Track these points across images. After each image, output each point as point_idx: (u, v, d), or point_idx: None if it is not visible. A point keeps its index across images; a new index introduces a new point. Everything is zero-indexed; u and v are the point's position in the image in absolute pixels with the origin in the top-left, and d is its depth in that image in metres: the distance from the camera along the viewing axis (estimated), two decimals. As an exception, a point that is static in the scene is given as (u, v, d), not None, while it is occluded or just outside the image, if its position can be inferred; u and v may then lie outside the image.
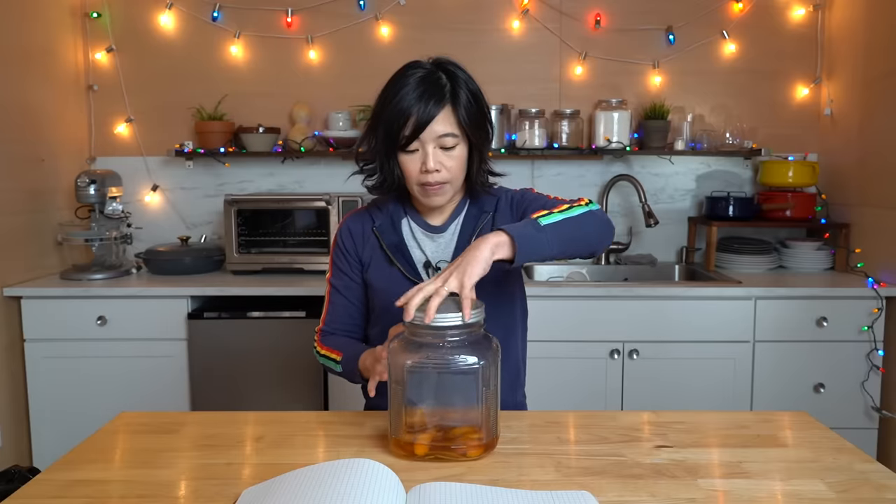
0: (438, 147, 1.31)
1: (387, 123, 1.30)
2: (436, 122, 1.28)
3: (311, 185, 3.01)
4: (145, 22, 2.95)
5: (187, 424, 1.26)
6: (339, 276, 1.46)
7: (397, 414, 1.10)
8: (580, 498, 0.96)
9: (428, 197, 1.35)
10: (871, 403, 2.47)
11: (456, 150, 1.32)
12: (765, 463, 1.09)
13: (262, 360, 2.46)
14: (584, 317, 2.44)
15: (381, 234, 1.43)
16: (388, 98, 1.31)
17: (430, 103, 1.28)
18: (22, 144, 2.56)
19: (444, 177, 1.32)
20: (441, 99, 1.29)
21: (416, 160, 1.32)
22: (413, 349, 1.08)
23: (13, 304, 2.48)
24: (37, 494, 1.00)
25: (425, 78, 1.30)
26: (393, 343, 1.11)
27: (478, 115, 1.34)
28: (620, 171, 3.00)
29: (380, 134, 1.33)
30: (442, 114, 1.29)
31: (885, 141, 2.53)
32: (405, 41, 2.96)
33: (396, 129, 1.29)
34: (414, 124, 1.28)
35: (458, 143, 1.32)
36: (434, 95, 1.28)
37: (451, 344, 1.07)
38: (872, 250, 2.61)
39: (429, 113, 1.28)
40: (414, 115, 1.27)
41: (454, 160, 1.32)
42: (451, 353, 1.07)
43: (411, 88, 1.29)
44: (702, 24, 2.94)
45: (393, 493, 0.94)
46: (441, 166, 1.31)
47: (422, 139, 1.29)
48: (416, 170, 1.32)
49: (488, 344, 1.10)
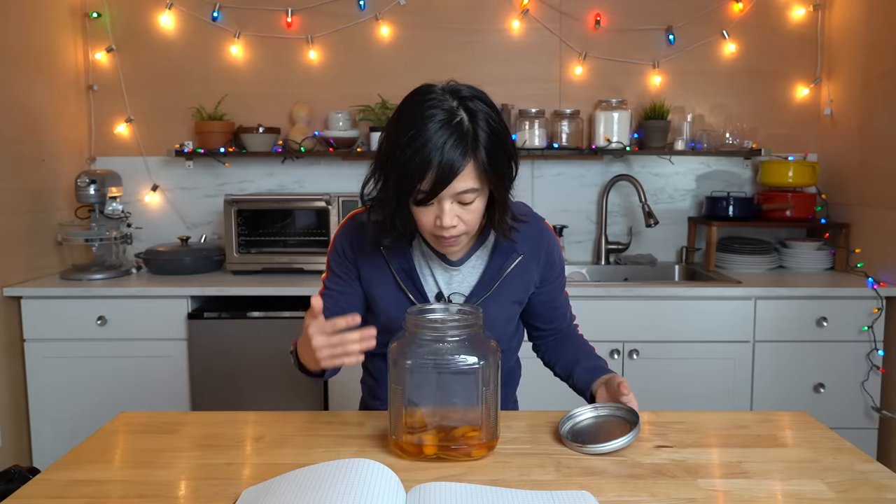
0: (456, 202, 1.19)
1: (401, 173, 1.16)
2: (456, 181, 1.15)
3: (311, 185, 3.01)
4: (145, 22, 2.95)
5: (187, 424, 1.26)
6: (335, 280, 1.40)
7: (397, 414, 1.10)
8: (580, 498, 0.96)
9: (442, 248, 1.28)
10: (871, 403, 2.47)
11: (475, 203, 1.20)
12: (765, 463, 1.09)
13: (262, 360, 2.46)
14: (584, 317, 2.40)
15: (390, 257, 1.33)
16: (402, 142, 1.14)
17: (453, 157, 1.13)
18: (22, 144, 2.56)
19: (461, 230, 1.22)
20: (464, 153, 1.14)
21: (430, 213, 1.20)
22: (413, 349, 1.08)
23: (13, 304, 2.48)
24: (37, 494, 1.00)
25: (447, 123, 1.13)
26: (392, 343, 1.11)
27: (501, 158, 1.20)
28: (620, 171, 3.00)
29: (392, 180, 1.19)
30: (463, 171, 1.15)
31: (885, 141, 2.53)
32: (405, 41, 2.96)
33: (411, 183, 1.15)
34: (433, 181, 1.14)
35: (477, 196, 1.20)
36: (457, 149, 1.13)
37: (451, 344, 1.07)
38: (872, 250, 2.61)
39: (450, 170, 1.13)
40: (433, 170, 1.13)
41: (472, 213, 1.21)
42: (451, 353, 1.07)
43: (431, 136, 1.13)
44: (702, 24, 2.95)
45: (393, 493, 0.94)
46: (458, 221, 1.20)
47: (439, 197, 1.17)
48: (430, 223, 1.21)
49: (487, 344, 1.10)
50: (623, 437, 1.12)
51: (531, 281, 1.38)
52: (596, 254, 3.03)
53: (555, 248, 1.41)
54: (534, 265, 1.37)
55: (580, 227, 3.05)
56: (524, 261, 1.36)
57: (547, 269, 1.39)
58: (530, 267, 1.37)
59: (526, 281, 1.37)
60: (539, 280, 1.40)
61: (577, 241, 3.05)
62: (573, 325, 1.53)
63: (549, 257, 1.39)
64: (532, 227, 1.37)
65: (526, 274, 1.36)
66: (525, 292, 1.39)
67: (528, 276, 1.37)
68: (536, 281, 1.39)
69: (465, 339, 1.08)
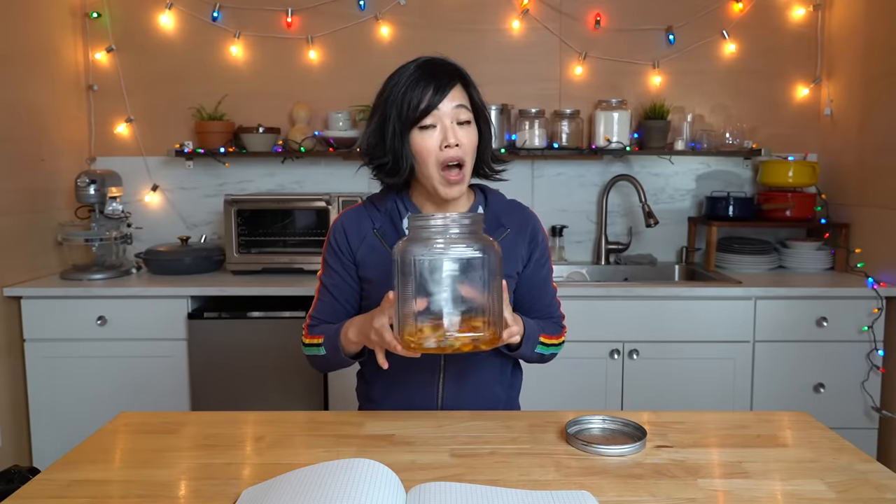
0: (454, 122, 1.30)
1: (399, 103, 1.29)
2: (452, 94, 1.29)
3: (311, 185, 3.01)
4: (145, 22, 2.95)
5: (187, 424, 1.26)
6: (331, 275, 1.42)
7: (403, 310, 1.11)
8: (580, 498, 0.96)
9: (449, 186, 1.33)
10: (871, 403, 2.47)
11: (471, 126, 1.33)
12: (765, 463, 1.09)
13: (262, 360, 2.46)
14: (584, 317, 2.44)
15: (384, 237, 1.39)
16: (397, 82, 1.31)
17: (443, 78, 1.29)
18: (22, 144, 2.56)
19: (463, 152, 1.31)
20: (452, 76, 1.31)
21: (433, 137, 1.30)
22: (419, 243, 1.11)
23: (13, 304, 2.48)
24: (37, 494, 1.00)
25: (432, 60, 1.32)
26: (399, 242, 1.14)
27: (482, 102, 1.36)
28: (620, 171, 3.00)
29: (391, 116, 1.30)
30: (455, 89, 1.30)
31: (885, 141, 2.53)
32: (405, 41, 2.96)
33: (412, 104, 1.28)
34: (431, 96, 1.28)
35: (471, 118, 1.33)
36: (445, 72, 1.30)
37: (456, 236, 1.11)
38: (872, 250, 2.61)
39: (444, 85, 1.29)
40: (430, 88, 1.28)
41: (469, 137, 1.32)
42: (455, 243, 1.11)
43: (422, 69, 1.30)
44: (702, 24, 2.95)
45: (393, 493, 0.94)
46: (459, 141, 1.30)
47: (440, 111, 1.29)
48: (435, 146, 1.30)
49: (489, 241, 1.14)
50: (630, 445, 1.13)
51: (519, 256, 1.42)
52: (596, 254, 3.03)
53: (539, 231, 1.46)
54: (521, 240, 1.42)
55: (580, 227, 3.05)
56: (511, 235, 1.41)
57: (532, 247, 1.43)
58: (518, 242, 1.41)
59: (514, 256, 1.41)
60: (526, 256, 1.43)
61: (577, 241, 3.05)
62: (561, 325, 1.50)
63: (534, 236, 1.44)
64: (518, 208, 1.47)
65: (514, 249, 1.41)
66: (514, 267, 1.41)
67: (517, 251, 1.41)
68: (524, 257, 1.42)
69: (467, 235, 1.12)
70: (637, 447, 1.13)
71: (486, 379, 1.43)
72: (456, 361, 1.39)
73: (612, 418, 1.23)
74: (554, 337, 1.42)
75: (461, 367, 1.40)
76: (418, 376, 1.39)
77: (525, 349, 1.35)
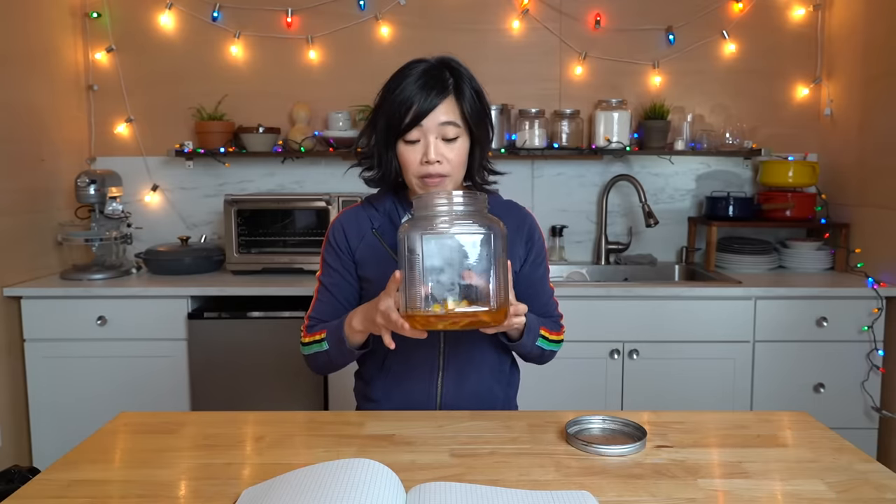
0: (440, 138, 1.29)
1: (388, 113, 1.30)
2: (438, 111, 1.28)
3: (311, 185, 3.01)
4: (145, 22, 2.95)
5: (187, 424, 1.26)
6: (330, 274, 1.42)
7: (409, 287, 1.12)
8: (580, 498, 0.96)
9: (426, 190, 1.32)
10: (871, 403, 2.47)
11: (458, 142, 1.31)
12: (765, 463, 1.09)
13: (262, 360, 2.46)
14: (584, 317, 2.44)
15: (383, 236, 1.39)
16: (390, 88, 1.31)
17: (432, 92, 1.28)
18: (22, 144, 2.56)
19: (445, 169, 1.30)
20: (444, 89, 1.29)
21: (416, 151, 1.30)
22: (424, 222, 1.12)
23: (13, 304, 2.48)
24: (37, 494, 1.00)
25: (428, 70, 1.31)
26: (404, 223, 1.15)
27: (480, 111, 1.34)
28: (620, 171, 3.00)
29: (380, 125, 1.32)
30: (444, 104, 1.29)
31: (885, 141, 2.53)
32: (405, 41, 2.96)
33: (398, 117, 1.28)
34: (416, 112, 1.27)
35: (459, 134, 1.31)
36: (437, 86, 1.28)
37: (460, 214, 1.12)
38: (872, 250, 2.61)
39: (431, 101, 1.27)
40: (416, 102, 1.27)
41: (455, 152, 1.31)
42: (461, 220, 1.12)
43: (414, 79, 1.29)
44: (702, 24, 2.95)
45: (393, 493, 0.94)
46: (442, 158, 1.29)
47: (424, 128, 1.28)
48: (416, 161, 1.30)
49: (494, 220, 1.15)
50: (630, 445, 1.13)
51: (517, 255, 1.42)
52: (596, 254, 3.03)
53: (536, 230, 1.46)
54: (518, 239, 1.42)
55: (580, 227, 3.05)
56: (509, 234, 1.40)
57: (529, 246, 1.43)
58: (515, 241, 1.41)
59: (511, 255, 1.40)
60: (523, 256, 1.43)
61: (577, 241, 3.06)
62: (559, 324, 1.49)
63: (531, 236, 1.44)
64: (514, 208, 1.47)
65: (511, 249, 1.40)
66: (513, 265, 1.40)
67: (513, 250, 1.41)
68: (521, 256, 1.42)
69: (472, 213, 1.13)
70: (637, 447, 1.13)
71: (485, 377, 1.43)
72: (454, 359, 1.39)
73: (612, 418, 1.23)
74: (554, 333, 1.42)
75: (460, 365, 1.40)
76: (417, 374, 1.39)
77: (526, 340, 1.33)
